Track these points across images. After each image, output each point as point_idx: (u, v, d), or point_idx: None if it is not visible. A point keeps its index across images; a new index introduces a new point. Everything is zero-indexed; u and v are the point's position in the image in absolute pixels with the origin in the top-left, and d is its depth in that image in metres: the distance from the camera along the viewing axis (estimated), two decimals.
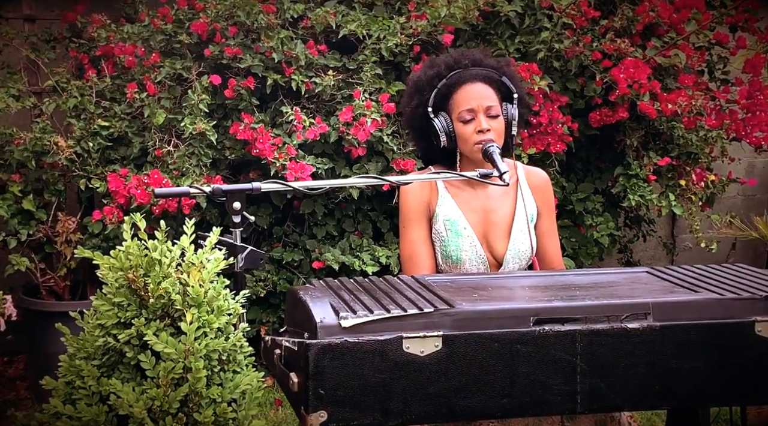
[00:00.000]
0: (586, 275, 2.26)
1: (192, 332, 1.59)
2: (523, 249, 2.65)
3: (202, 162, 3.88)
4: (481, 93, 2.59)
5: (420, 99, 2.64)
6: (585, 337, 1.91)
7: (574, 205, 4.61)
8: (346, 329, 1.83)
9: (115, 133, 4.02)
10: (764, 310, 1.96)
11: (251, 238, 4.44)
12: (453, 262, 2.63)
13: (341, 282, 2.11)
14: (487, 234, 2.66)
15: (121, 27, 4.09)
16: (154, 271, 1.62)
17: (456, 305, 1.92)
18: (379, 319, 1.86)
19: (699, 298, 1.99)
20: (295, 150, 3.95)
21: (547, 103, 4.27)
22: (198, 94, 3.83)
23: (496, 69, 2.64)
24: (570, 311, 1.94)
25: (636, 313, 1.95)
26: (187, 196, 2.07)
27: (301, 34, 4.19)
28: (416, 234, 2.66)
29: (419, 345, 1.85)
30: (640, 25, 4.39)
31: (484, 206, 2.67)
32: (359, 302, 1.94)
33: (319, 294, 1.99)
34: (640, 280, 2.18)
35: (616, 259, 5.40)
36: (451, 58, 2.65)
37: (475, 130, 2.58)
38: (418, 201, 2.66)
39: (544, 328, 1.91)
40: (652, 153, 4.52)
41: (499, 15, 4.29)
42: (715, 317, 1.96)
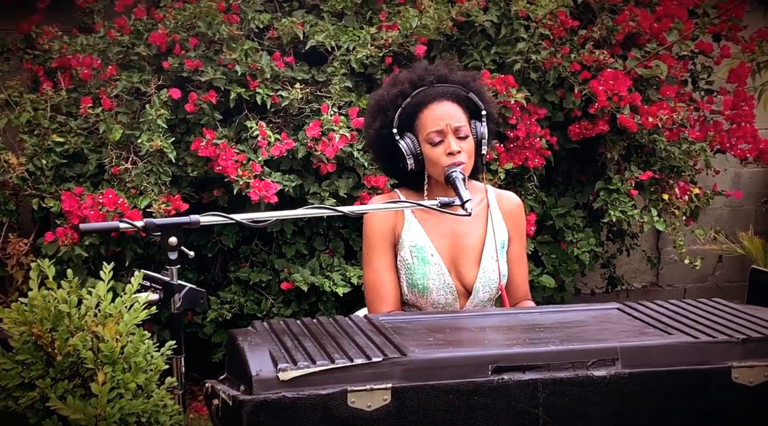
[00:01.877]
0: (553, 313, 2.10)
1: (104, 394, 1.42)
2: (494, 277, 2.50)
3: (161, 180, 3.70)
4: (449, 113, 2.44)
5: (384, 119, 2.48)
6: (547, 387, 1.75)
7: (554, 221, 4.46)
8: (284, 382, 1.66)
9: (70, 150, 3.83)
10: (741, 355, 1.80)
11: (218, 257, 4.27)
12: (419, 292, 2.48)
13: (286, 325, 1.94)
14: (456, 261, 2.51)
15: (74, 39, 3.90)
16: (62, 325, 1.45)
17: (408, 353, 1.75)
18: (322, 370, 1.69)
19: (671, 341, 1.84)
20: (261, 167, 3.78)
21: (525, 116, 4.11)
22: (156, 109, 3.65)
23: (462, 85, 2.48)
24: (531, 358, 1.78)
25: (603, 358, 1.79)
26: (117, 231, 1.90)
27: (267, 45, 4.02)
28: (381, 261, 2.50)
29: (366, 399, 1.69)
30: (620, 35, 4.24)
31: (454, 231, 2.51)
32: (302, 350, 1.77)
33: (258, 340, 1.82)
34: (610, 319, 2.02)
35: (599, 274, 5.25)
36: (415, 75, 2.49)
37: (444, 152, 2.42)
38: (382, 226, 2.51)
39: (503, 378, 1.74)
40: (633, 166, 4.38)
41: (474, 25, 4.13)
42: (689, 363, 1.80)
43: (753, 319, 1.94)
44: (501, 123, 4.10)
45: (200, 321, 4.16)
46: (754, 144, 4.53)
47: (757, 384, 1.79)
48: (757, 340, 1.82)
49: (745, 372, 1.79)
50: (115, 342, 1.45)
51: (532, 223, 4.21)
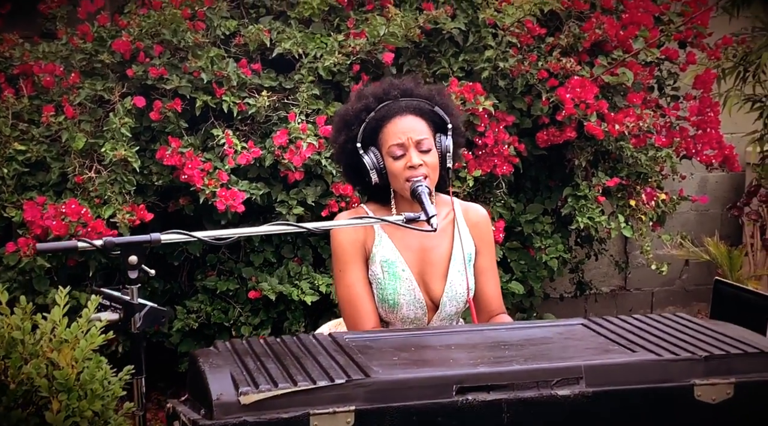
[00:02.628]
0: (518, 330, 2.10)
1: (59, 422, 1.39)
2: (461, 291, 2.49)
3: (125, 189, 3.65)
4: (412, 126, 2.43)
5: (348, 134, 2.47)
6: (512, 407, 1.74)
7: (522, 227, 4.46)
8: (246, 406, 1.64)
9: (32, 158, 3.77)
10: (704, 372, 1.81)
11: (184, 266, 4.23)
12: (389, 307, 2.46)
13: (249, 345, 1.92)
14: (424, 274, 2.50)
15: (36, 46, 3.84)
16: (15, 353, 1.42)
17: (371, 374, 1.74)
18: (284, 393, 1.67)
19: (635, 359, 1.84)
20: (227, 175, 3.74)
21: (493, 124, 4.11)
22: (120, 118, 3.60)
23: (427, 99, 2.47)
24: (496, 377, 1.77)
25: (567, 377, 1.78)
26: (75, 250, 1.86)
27: (234, 52, 3.98)
28: (353, 275, 2.48)
29: (329, 422, 1.67)
30: (587, 43, 4.25)
31: (421, 244, 2.50)
32: (264, 372, 1.75)
33: (220, 362, 1.80)
34: (575, 336, 2.01)
35: (568, 279, 5.27)
36: (380, 89, 2.48)
37: (405, 165, 2.41)
38: (352, 242, 2.49)
39: (468, 398, 1.73)
40: (601, 173, 4.39)
41: (443, 33, 4.12)
42: (653, 380, 1.80)
43: (716, 335, 1.94)
44: (469, 130, 4.10)
45: (166, 330, 4.12)
46: (720, 150, 4.57)
47: (720, 401, 1.80)
48: (719, 358, 1.83)
49: (707, 390, 1.79)
50: (71, 369, 1.42)
51: (500, 230, 4.21)
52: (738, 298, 2.69)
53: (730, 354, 1.83)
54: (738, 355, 1.83)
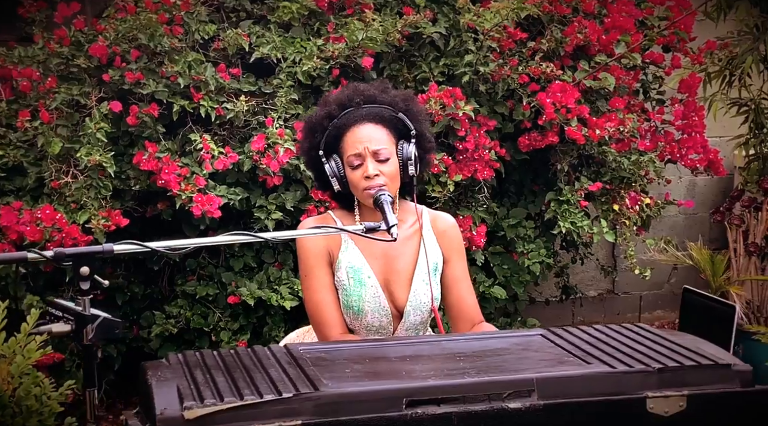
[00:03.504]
0: (476, 340, 2.08)
1: None
2: (425, 300, 2.48)
3: (101, 195, 3.64)
4: (369, 135, 2.41)
5: (311, 141, 2.47)
6: (462, 420, 1.73)
7: (505, 231, 4.45)
8: (190, 422, 1.63)
9: (9, 163, 3.76)
10: (657, 385, 1.79)
11: (165, 270, 4.21)
12: (354, 313, 2.45)
13: (201, 357, 1.91)
14: (389, 283, 2.49)
15: (12, 50, 3.83)
16: None
17: (320, 387, 1.72)
18: (230, 408, 1.65)
19: (587, 371, 1.82)
20: (205, 180, 3.73)
21: (474, 128, 4.10)
22: (96, 122, 3.59)
23: (391, 105, 2.46)
24: (446, 390, 1.75)
25: (519, 390, 1.77)
26: (25, 261, 1.85)
27: (213, 56, 3.97)
28: (320, 281, 2.47)
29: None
30: (569, 47, 4.24)
31: (386, 252, 2.49)
32: (212, 385, 1.73)
33: (168, 375, 1.78)
34: (532, 347, 2.00)
35: (553, 283, 5.26)
36: (344, 96, 2.47)
37: (362, 175, 2.40)
38: (318, 247, 2.48)
39: (417, 411, 1.72)
40: (583, 178, 4.38)
41: (423, 37, 4.11)
42: (605, 393, 1.79)
43: (673, 346, 1.93)
44: (450, 135, 4.09)
45: (146, 335, 4.11)
46: (705, 154, 4.56)
47: (673, 414, 1.78)
48: (672, 370, 1.81)
49: (660, 402, 1.77)
50: (6, 384, 1.41)
51: (482, 235, 4.19)
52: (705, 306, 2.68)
53: (683, 366, 1.82)
54: (692, 367, 1.82)
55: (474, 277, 4.35)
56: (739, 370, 1.82)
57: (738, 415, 1.79)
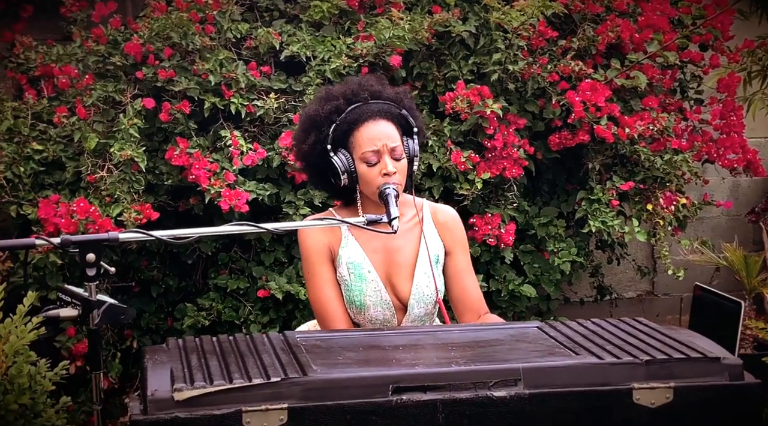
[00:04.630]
0: (471, 331, 2.11)
1: None
2: (428, 292, 2.51)
3: (134, 189, 3.75)
4: (386, 132, 2.45)
5: (317, 135, 2.50)
6: (447, 407, 1.76)
7: (536, 230, 4.45)
8: (179, 403, 1.69)
9: (49, 158, 3.90)
10: (644, 376, 1.80)
11: (198, 264, 4.31)
12: (356, 308, 2.49)
13: (200, 342, 1.97)
14: (390, 276, 2.52)
15: (50, 48, 3.97)
16: None
17: (309, 372, 1.77)
18: (218, 390, 1.71)
19: (574, 362, 1.84)
20: (234, 176, 3.82)
21: (502, 127, 4.11)
22: (129, 119, 3.70)
23: (395, 102, 2.50)
24: (432, 378, 1.79)
25: (505, 379, 1.79)
26: (33, 247, 1.93)
27: (245, 55, 4.06)
28: (323, 277, 2.52)
29: (261, 419, 1.71)
30: (602, 46, 4.22)
31: (387, 246, 2.53)
32: (204, 369, 1.80)
33: (164, 358, 1.85)
34: (526, 338, 2.02)
35: (588, 283, 5.23)
36: (349, 90, 2.50)
37: (380, 172, 2.43)
38: (318, 244, 2.53)
39: (402, 398, 1.76)
40: (616, 177, 4.35)
41: (452, 35, 4.13)
42: (592, 383, 1.80)
43: (666, 340, 1.93)
44: (479, 133, 4.11)
45: (179, 327, 4.21)
46: (743, 154, 4.49)
47: (659, 405, 1.79)
48: (660, 362, 1.82)
49: (646, 393, 1.78)
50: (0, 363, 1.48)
51: (511, 233, 4.20)
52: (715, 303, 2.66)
53: (671, 358, 1.82)
54: (680, 359, 1.82)
55: (504, 275, 4.37)
56: (729, 364, 1.82)
57: (726, 407, 1.79)
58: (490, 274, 4.37)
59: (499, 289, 4.35)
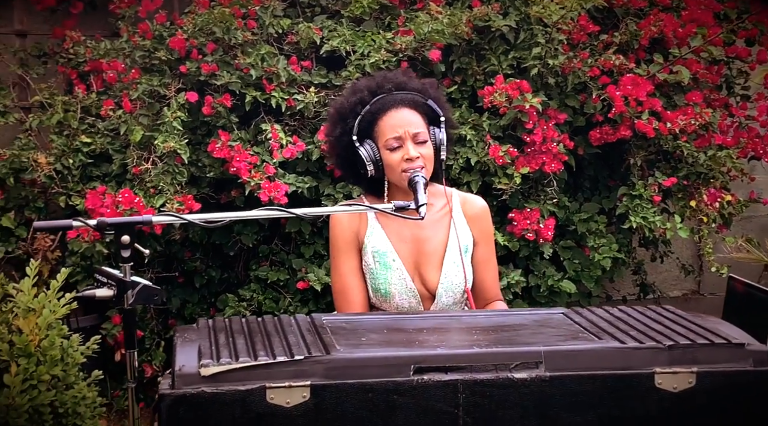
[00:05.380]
0: (497, 316, 2.13)
1: (17, 385, 1.51)
2: (456, 281, 2.53)
3: (177, 180, 3.83)
4: (408, 119, 2.49)
5: (343, 127, 2.55)
6: (468, 388, 1.78)
7: (576, 226, 4.43)
8: (205, 378, 1.74)
9: (96, 150, 4.00)
10: (667, 361, 1.80)
11: (240, 256, 4.38)
12: (382, 296, 2.53)
13: (228, 322, 2.02)
14: (419, 265, 2.55)
15: (98, 43, 4.07)
16: None
17: (332, 352, 1.81)
18: (243, 367, 1.76)
19: (596, 346, 1.85)
20: (274, 168, 3.88)
21: (542, 121, 4.10)
22: (173, 112, 3.78)
23: (420, 92, 2.53)
24: (454, 359, 1.81)
25: (526, 361, 1.81)
26: (70, 229, 2.00)
27: (287, 50, 4.12)
28: (347, 265, 2.56)
29: (285, 395, 1.75)
30: (645, 40, 4.19)
31: (416, 236, 2.56)
32: (231, 347, 1.84)
33: (193, 337, 1.90)
34: (550, 324, 2.03)
35: (631, 280, 5.18)
36: (374, 83, 2.55)
37: (402, 158, 2.47)
38: (346, 231, 2.57)
39: (423, 378, 1.78)
40: (658, 173, 4.32)
41: (492, 30, 4.14)
42: (614, 367, 1.81)
43: (691, 326, 1.93)
44: (518, 127, 4.11)
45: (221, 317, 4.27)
46: None
47: (682, 390, 1.79)
48: (683, 347, 1.82)
49: (668, 378, 1.78)
50: (33, 335, 1.54)
51: (550, 228, 4.19)
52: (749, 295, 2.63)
53: (695, 343, 1.82)
54: (703, 345, 1.82)
55: (543, 270, 4.36)
56: (753, 350, 1.81)
57: (749, 393, 1.78)
58: (529, 269, 4.37)
59: (538, 285, 4.35)
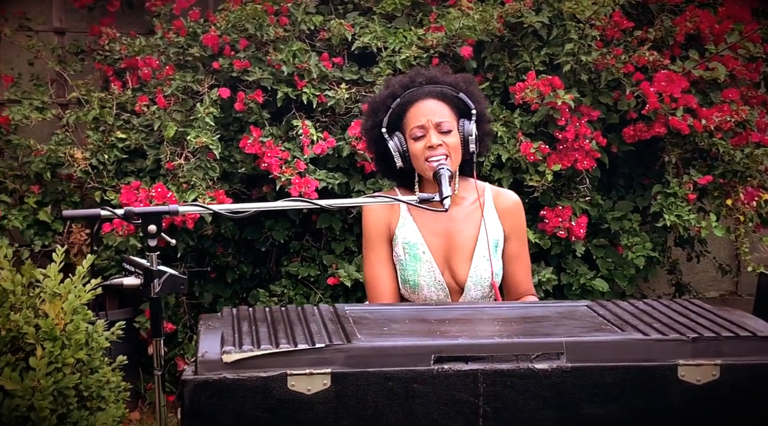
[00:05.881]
0: (520, 308, 2.12)
1: (42, 367, 1.54)
2: (485, 276, 2.53)
3: (209, 175, 3.87)
4: (432, 109, 2.50)
5: (375, 120, 2.57)
6: (488, 378, 1.78)
7: (610, 224, 4.40)
8: (227, 364, 1.75)
9: (131, 146, 4.06)
10: (690, 353, 1.78)
11: (272, 252, 4.41)
12: (411, 287, 2.53)
13: (252, 312, 2.04)
14: (449, 258, 2.55)
15: (133, 40, 4.13)
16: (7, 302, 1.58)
17: (353, 340, 1.82)
18: (265, 354, 1.77)
19: (619, 338, 1.83)
20: (305, 164, 3.90)
21: (574, 118, 4.08)
22: (206, 108, 3.82)
23: (452, 86, 2.53)
24: (475, 349, 1.81)
25: (548, 352, 1.80)
26: (98, 217, 2.03)
27: (318, 46, 4.14)
28: (378, 256, 2.58)
29: (306, 383, 1.76)
30: (680, 36, 4.15)
31: (447, 229, 2.56)
32: (253, 335, 1.86)
33: (217, 324, 1.92)
34: (573, 316, 2.02)
35: (666, 280, 5.13)
36: (407, 78, 2.58)
37: (425, 146, 2.48)
38: (378, 221, 2.59)
39: (444, 367, 1.78)
40: (693, 171, 4.27)
41: (524, 26, 4.13)
42: (636, 359, 1.79)
43: (716, 319, 1.91)
44: (550, 124, 4.09)
45: None
46: None
47: (705, 383, 1.77)
48: (707, 340, 1.80)
49: (692, 370, 1.76)
50: (59, 320, 1.57)
51: (582, 226, 4.17)
52: None
53: (719, 336, 1.80)
54: (728, 337, 1.80)
55: (575, 269, 4.33)
56: None
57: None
58: (561, 267, 4.34)
59: (570, 283, 4.32)
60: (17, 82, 4.27)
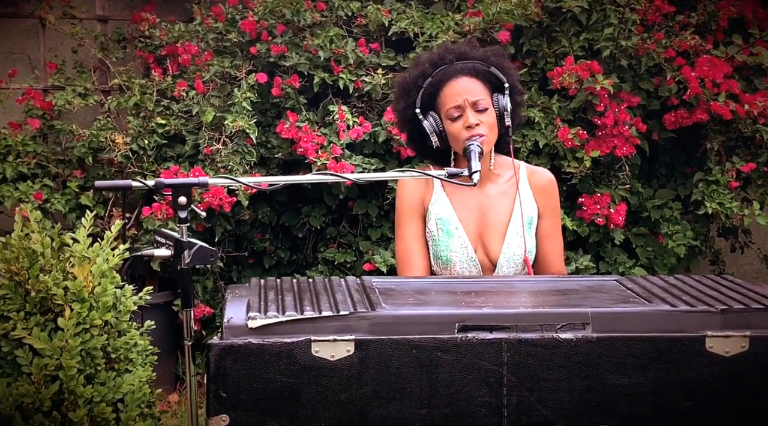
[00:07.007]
0: (549, 282, 2.11)
1: (70, 328, 1.57)
2: (518, 253, 2.52)
3: (246, 160, 3.90)
4: (467, 87, 2.49)
5: (407, 101, 2.56)
6: (512, 347, 1.77)
7: (650, 212, 4.34)
8: (252, 330, 1.77)
9: (171, 131, 4.11)
10: (719, 325, 1.76)
11: (309, 238, 4.43)
12: (443, 263, 2.53)
13: (280, 282, 2.05)
14: (482, 235, 2.55)
15: (173, 26, 4.18)
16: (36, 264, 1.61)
17: (377, 309, 1.82)
18: (289, 320, 1.78)
19: (646, 309, 1.81)
20: (341, 149, 3.91)
21: (613, 104, 4.03)
22: (243, 93, 3.85)
23: (483, 60, 2.52)
24: (499, 319, 1.80)
25: (573, 322, 1.79)
26: (129, 189, 2.06)
27: (356, 32, 4.15)
28: (410, 231, 2.58)
29: (329, 349, 1.77)
30: (723, 21, 4.08)
31: (481, 206, 2.56)
32: (279, 303, 1.87)
33: (244, 293, 1.94)
34: (602, 289, 2.00)
35: (708, 271, 5.04)
36: (436, 55, 2.56)
37: (463, 126, 2.47)
38: (412, 197, 2.59)
39: (467, 336, 1.78)
40: (736, 158, 4.20)
41: (563, 11, 4.09)
42: (663, 330, 1.77)
43: (748, 293, 1.88)
44: (588, 110, 4.06)
45: None
46: None
47: (734, 354, 1.74)
48: (737, 311, 1.77)
49: (720, 342, 1.74)
50: (87, 282, 1.60)
51: (621, 213, 4.12)
52: None
53: (749, 308, 1.77)
54: (758, 309, 1.77)
55: (614, 257, 4.28)
56: None
57: None
58: (600, 255, 4.30)
59: (609, 271, 4.27)
60: (61, 69, 4.35)
